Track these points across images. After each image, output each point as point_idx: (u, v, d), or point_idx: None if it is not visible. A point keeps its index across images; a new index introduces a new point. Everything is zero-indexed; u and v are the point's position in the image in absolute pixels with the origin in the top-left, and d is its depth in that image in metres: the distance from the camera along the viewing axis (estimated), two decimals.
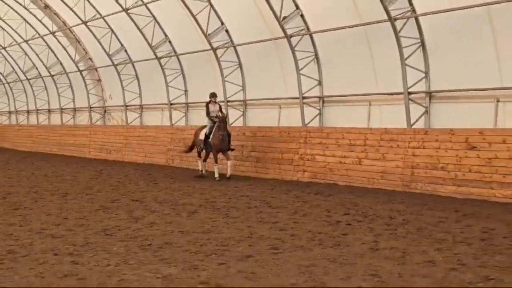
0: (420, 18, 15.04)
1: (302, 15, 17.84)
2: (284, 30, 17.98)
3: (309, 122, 18.36)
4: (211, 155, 18.41)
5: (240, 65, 20.99)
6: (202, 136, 18.53)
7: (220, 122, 17.76)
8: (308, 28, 17.88)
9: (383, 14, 15.10)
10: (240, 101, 21.23)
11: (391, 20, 15.07)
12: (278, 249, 8.16)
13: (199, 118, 23.37)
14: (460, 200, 13.29)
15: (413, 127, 15.33)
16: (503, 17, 13.48)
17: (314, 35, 17.88)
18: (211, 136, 18.01)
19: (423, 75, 15.32)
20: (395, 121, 15.76)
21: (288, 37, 18.06)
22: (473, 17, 13.93)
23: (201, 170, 18.92)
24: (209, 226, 9.97)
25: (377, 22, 15.65)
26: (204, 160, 18.96)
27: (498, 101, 13.93)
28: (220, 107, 18.67)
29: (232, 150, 18.29)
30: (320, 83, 18.23)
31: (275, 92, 19.73)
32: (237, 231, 9.53)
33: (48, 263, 7.23)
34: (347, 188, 15.57)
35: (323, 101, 18.32)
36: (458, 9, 13.92)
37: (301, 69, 18.23)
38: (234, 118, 21.31)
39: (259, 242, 8.64)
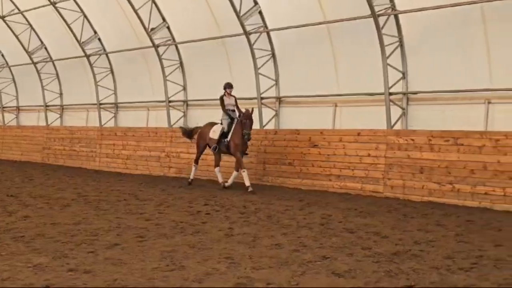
0: (271, 33, 15.38)
1: (168, 27, 17.72)
2: (152, 40, 17.77)
3: (174, 123, 18.25)
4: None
5: (112, 71, 20.52)
6: (214, 135, 14.21)
7: (246, 119, 13.47)
8: (173, 39, 17.78)
9: (239, 28, 15.30)
10: (112, 103, 20.75)
11: (246, 34, 15.30)
12: (143, 237, 8.03)
13: (73, 120, 22.66)
14: (304, 191, 13.71)
15: (265, 128, 15.65)
16: (341, 35, 14.06)
17: (179, 45, 17.81)
18: (231, 134, 13.81)
19: (274, 82, 15.67)
20: None
21: (156, 47, 17.87)
22: (316, 34, 14.42)
23: (191, 179, 14.95)
24: (80, 218, 9.64)
25: (234, 35, 15.84)
26: (217, 165, 14.47)
27: (336, 105, 14.52)
28: (236, 99, 14.32)
29: (246, 154, 14.08)
30: (184, 88, 18.17)
31: (144, 95, 19.47)
32: (106, 222, 9.29)
33: None
34: (208, 182, 15.63)
35: (187, 105, 18.29)
36: (303, 26, 14.36)
37: (168, 75, 18.09)
38: (105, 120, 20.79)
39: (127, 232, 8.47)
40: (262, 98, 15.70)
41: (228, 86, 14.11)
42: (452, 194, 11.67)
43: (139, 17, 17.39)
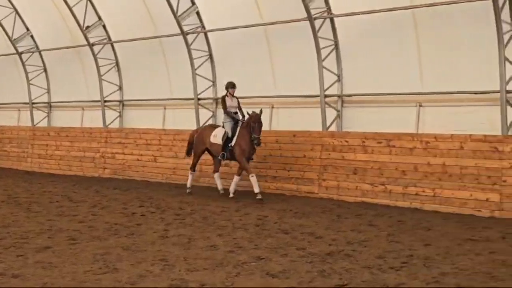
0: (209, 33, 15.35)
1: (104, 26, 17.41)
2: (87, 39, 17.41)
3: (110, 123, 17.96)
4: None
5: (45, 69, 20.00)
6: (216, 140, 12.90)
7: (255, 123, 12.35)
8: (109, 38, 17.49)
9: (176, 28, 15.20)
10: (45, 103, 20.22)
11: (183, 34, 15.21)
12: (76, 240, 7.89)
13: (4, 119, 21.95)
14: (241, 192, 13.68)
15: None
16: (278, 37, 14.15)
17: (114, 44, 17.53)
18: (235, 139, 12.61)
19: (211, 83, 15.64)
20: (187, 123, 15.88)
21: (91, 45, 17.52)
22: (253, 36, 14.46)
23: (190, 187, 13.64)
24: (10, 220, 9.38)
25: (171, 35, 15.72)
26: (216, 171, 13.41)
27: (272, 107, 14.61)
28: (239, 101, 13.08)
29: (252, 159, 12.96)
30: (120, 88, 17.90)
31: (78, 95, 19.07)
32: (37, 224, 9.07)
33: None
34: (143, 183, 15.46)
35: (123, 105, 18.02)
36: (240, 27, 14.37)
37: (103, 75, 17.77)
38: (37, 120, 20.24)
39: (58, 234, 8.29)
40: (199, 99, 15.64)
41: (231, 86, 12.92)
42: (384, 195, 11.93)
43: (73, 15, 17.00)
